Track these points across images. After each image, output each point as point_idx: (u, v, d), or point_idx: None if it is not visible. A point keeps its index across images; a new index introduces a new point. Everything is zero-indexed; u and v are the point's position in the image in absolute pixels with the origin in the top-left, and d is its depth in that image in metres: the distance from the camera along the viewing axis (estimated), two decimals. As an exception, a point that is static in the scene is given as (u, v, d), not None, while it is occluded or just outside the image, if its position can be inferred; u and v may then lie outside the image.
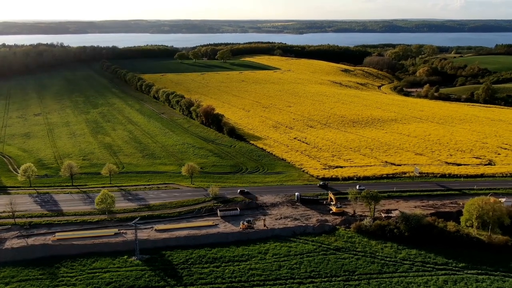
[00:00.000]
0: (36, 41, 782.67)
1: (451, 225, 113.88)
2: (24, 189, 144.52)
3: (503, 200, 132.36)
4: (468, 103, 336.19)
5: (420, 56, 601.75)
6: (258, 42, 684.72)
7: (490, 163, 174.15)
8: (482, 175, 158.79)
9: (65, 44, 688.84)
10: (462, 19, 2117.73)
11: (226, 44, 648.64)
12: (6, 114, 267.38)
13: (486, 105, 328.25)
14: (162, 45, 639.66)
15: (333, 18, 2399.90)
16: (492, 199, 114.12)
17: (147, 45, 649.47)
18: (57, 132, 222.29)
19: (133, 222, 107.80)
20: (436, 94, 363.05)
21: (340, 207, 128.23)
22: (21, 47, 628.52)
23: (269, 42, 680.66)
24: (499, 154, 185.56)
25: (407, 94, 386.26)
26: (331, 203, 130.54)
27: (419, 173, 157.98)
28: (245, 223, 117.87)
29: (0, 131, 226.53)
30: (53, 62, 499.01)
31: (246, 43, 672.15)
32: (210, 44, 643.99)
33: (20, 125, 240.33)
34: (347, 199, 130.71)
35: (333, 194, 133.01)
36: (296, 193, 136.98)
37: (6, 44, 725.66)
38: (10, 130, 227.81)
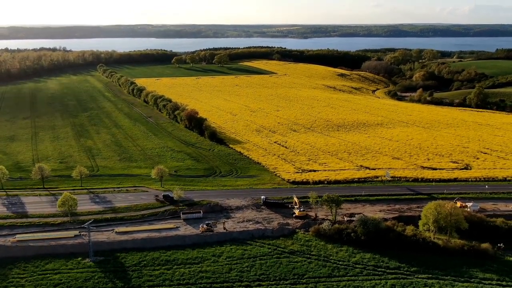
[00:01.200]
0: (40, 45, 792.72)
1: (409, 229, 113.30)
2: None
3: (469, 204, 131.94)
4: (460, 108, 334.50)
5: (419, 61, 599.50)
6: (257, 47, 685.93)
7: (466, 167, 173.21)
8: (455, 180, 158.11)
9: (68, 49, 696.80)
10: (468, 24, 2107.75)
11: (225, 49, 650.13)
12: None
13: (477, 109, 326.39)
14: (161, 50, 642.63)
15: (338, 22, 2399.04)
16: (449, 203, 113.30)
17: (146, 49, 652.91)
18: (41, 136, 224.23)
19: (87, 224, 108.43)
20: (429, 98, 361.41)
21: (303, 210, 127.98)
22: (22, 51, 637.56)
23: (268, 47, 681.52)
24: (477, 158, 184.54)
25: (401, 99, 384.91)
26: (295, 206, 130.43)
27: (391, 177, 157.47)
28: (205, 226, 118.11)
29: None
30: (51, 67, 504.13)
31: (245, 47, 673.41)
32: (209, 49, 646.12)
33: (6, 128, 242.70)
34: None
35: (297, 197, 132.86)
36: (262, 197, 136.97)
37: (10, 48, 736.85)
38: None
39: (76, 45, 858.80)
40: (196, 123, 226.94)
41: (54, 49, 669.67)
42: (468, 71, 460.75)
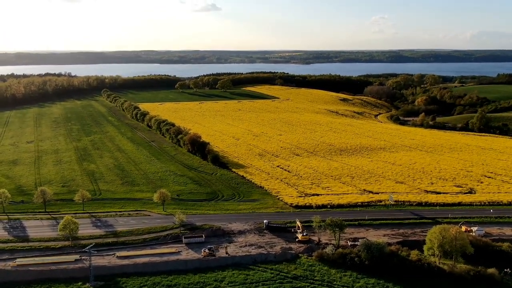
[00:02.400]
0: (46, 71, 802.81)
1: (414, 254, 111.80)
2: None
3: (474, 228, 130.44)
4: (463, 132, 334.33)
5: (421, 86, 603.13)
6: (260, 72, 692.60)
7: (470, 191, 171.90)
8: (459, 204, 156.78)
9: (73, 74, 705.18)
10: (469, 50, 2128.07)
11: (228, 74, 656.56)
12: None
13: (480, 133, 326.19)
14: (164, 75, 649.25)
15: (340, 48, 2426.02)
16: (454, 227, 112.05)
17: (150, 74, 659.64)
18: (44, 159, 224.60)
19: (87, 248, 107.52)
20: (431, 123, 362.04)
21: (307, 235, 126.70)
22: (28, 76, 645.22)
23: (271, 72, 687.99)
24: (481, 182, 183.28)
25: (403, 123, 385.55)
26: (298, 230, 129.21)
27: (395, 201, 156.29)
28: (207, 250, 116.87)
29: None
30: (56, 91, 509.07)
31: (248, 72, 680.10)
32: (212, 74, 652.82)
33: (10, 152, 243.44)
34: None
35: (300, 221, 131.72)
36: (265, 221, 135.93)
37: (15, 73, 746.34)
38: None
39: (81, 71, 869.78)
40: (199, 147, 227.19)
41: (59, 75, 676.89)
42: (470, 96, 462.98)
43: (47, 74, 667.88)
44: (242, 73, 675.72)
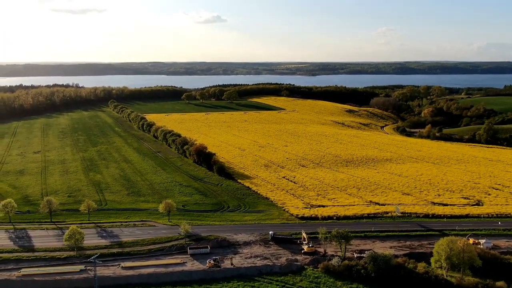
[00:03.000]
0: (54, 82, 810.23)
1: (421, 266, 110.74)
2: (2, 225, 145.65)
3: (482, 241, 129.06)
4: (470, 144, 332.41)
5: (427, 97, 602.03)
6: (266, 83, 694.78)
7: (478, 203, 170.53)
8: (467, 216, 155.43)
9: (81, 85, 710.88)
10: (476, 61, 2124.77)
11: (235, 85, 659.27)
12: (7, 152, 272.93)
13: (487, 145, 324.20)
14: (171, 86, 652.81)
15: (346, 60, 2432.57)
16: (462, 240, 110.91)
17: (157, 86, 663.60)
18: (51, 170, 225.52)
19: (92, 258, 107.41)
20: (438, 134, 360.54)
21: (312, 246, 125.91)
22: (36, 87, 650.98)
23: (277, 83, 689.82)
24: (489, 194, 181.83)
25: (410, 135, 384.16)
26: (304, 242, 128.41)
27: (401, 213, 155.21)
28: (212, 262, 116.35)
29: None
30: (63, 102, 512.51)
31: (254, 84, 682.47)
32: (218, 85, 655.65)
33: (17, 162, 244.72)
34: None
35: (306, 233, 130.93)
36: (270, 232, 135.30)
37: (24, 84, 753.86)
38: (7, 167, 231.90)
39: (88, 82, 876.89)
40: (204, 158, 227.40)
41: (67, 86, 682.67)
42: (477, 107, 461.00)
43: (55, 85, 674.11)
44: (248, 85, 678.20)
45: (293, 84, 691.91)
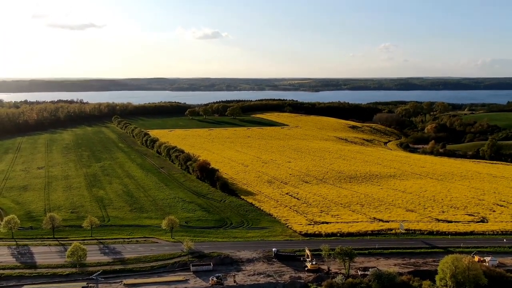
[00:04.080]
0: (58, 97, 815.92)
1: (425, 284, 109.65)
2: (5, 241, 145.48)
3: (488, 258, 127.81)
4: (473, 160, 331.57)
5: (430, 113, 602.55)
6: (269, 99, 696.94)
7: (483, 220, 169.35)
8: (472, 233, 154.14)
9: (85, 101, 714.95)
10: (479, 77, 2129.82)
11: (238, 101, 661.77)
12: (10, 167, 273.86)
13: (491, 161, 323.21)
14: (174, 102, 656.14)
15: (349, 76, 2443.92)
16: (467, 257, 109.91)
17: (160, 101, 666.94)
18: (54, 185, 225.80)
19: (94, 275, 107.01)
20: (441, 150, 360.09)
21: (316, 263, 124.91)
22: (41, 103, 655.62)
23: (280, 99, 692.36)
24: (494, 211, 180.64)
25: (413, 151, 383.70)
26: (307, 259, 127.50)
27: (405, 230, 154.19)
28: (214, 279, 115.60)
29: (0, 184, 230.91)
30: (68, 118, 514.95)
31: (257, 100, 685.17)
32: (222, 101, 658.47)
33: (21, 177, 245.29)
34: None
35: (309, 250, 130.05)
36: (273, 249, 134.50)
37: (29, 100, 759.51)
38: (10, 183, 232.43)
39: (93, 98, 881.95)
40: (208, 174, 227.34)
41: (71, 101, 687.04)
42: (481, 123, 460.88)
43: (59, 101, 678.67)
44: (251, 100, 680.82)
45: (296, 100, 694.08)
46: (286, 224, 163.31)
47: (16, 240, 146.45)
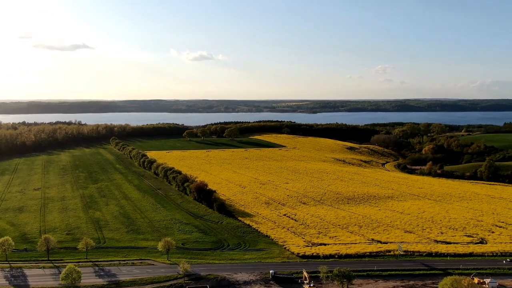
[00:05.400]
0: (57, 119, 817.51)
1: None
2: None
3: (487, 280, 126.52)
4: (471, 181, 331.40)
5: (428, 135, 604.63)
6: (267, 121, 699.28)
7: (482, 241, 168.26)
8: (471, 254, 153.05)
9: (83, 122, 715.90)
10: (475, 99, 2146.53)
11: (236, 123, 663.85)
12: (6, 189, 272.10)
13: (489, 182, 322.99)
14: (172, 123, 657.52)
15: (347, 98, 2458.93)
16: (466, 279, 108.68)
17: (158, 123, 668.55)
18: (50, 207, 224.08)
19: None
20: (439, 171, 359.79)
21: (314, 286, 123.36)
22: (39, 124, 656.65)
23: (277, 121, 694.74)
24: (492, 232, 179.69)
25: (411, 172, 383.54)
26: (305, 281, 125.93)
27: (404, 251, 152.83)
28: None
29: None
30: (65, 139, 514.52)
31: (255, 121, 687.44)
32: (219, 123, 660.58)
33: (17, 199, 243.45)
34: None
35: (307, 272, 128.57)
36: (271, 271, 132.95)
37: (27, 122, 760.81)
38: (6, 204, 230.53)
39: (91, 119, 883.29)
40: (205, 195, 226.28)
41: (69, 123, 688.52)
42: (478, 144, 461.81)
43: (57, 122, 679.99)
44: (249, 122, 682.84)
45: (294, 122, 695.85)
46: (283, 245, 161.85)
47: (10, 262, 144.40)
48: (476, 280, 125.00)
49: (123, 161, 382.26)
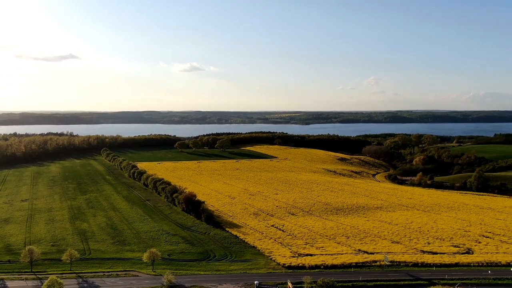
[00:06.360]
0: (48, 130, 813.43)
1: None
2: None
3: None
4: (461, 191, 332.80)
5: (419, 146, 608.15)
6: (259, 132, 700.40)
7: (468, 251, 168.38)
8: (457, 264, 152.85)
9: (75, 134, 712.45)
10: (467, 110, 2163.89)
11: (228, 134, 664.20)
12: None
13: (478, 193, 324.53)
14: (164, 135, 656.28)
15: (340, 109, 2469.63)
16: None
17: (150, 134, 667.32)
18: (37, 218, 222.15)
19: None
20: (429, 182, 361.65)
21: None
22: (30, 136, 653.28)
23: (270, 132, 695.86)
24: (479, 242, 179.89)
25: (401, 182, 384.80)
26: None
27: (390, 261, 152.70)
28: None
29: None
30: (56, 151, 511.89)
31: (247, 132, 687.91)
32: (212, 134, 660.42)
33: (3, 210, 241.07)
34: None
35: (291, 282, 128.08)
36: (256, 282, 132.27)
37: (18, 133, 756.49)
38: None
39: (84, 131, 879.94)
40: (193, 206, 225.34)
41: (61, 134, 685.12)
42: (468, 155, 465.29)
43: (49, 134, 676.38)
44: (241, 133, 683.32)
45: (286, 133, 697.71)
46: (269, 256, 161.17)
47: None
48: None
49: (113, 172, 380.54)
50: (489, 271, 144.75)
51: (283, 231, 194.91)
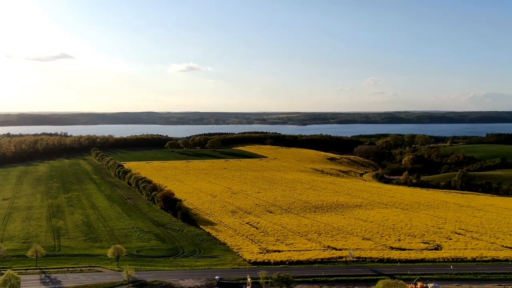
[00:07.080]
0: (43, 131, 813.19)
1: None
2: None
3: (431, 285, 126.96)
4: (445, 190, 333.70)
5: (412, 146, 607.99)
6: (252, 132, 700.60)
7: (437, 248, 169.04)
8: (422, 260, 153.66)
9: (70, 134, 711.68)
10: (464, 111, 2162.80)
11: (220, 134, 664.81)
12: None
13: (462, 191, 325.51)
14: (156, 135, 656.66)
15: (338, 110, 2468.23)
16: (399, 283, 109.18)
17: (142, 134, 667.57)
18: (14, 216, 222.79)
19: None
20: (414, 181, 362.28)
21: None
22: (24, 136, 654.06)
23: (262, 132, 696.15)
24: (450, 239, 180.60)
25: (388, 181, 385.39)
26: (248, 287, 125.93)
27: (356, 257, 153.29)
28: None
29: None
30: (46, 150, 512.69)
31: (240, 133, 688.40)
32: (204, 134, 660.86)
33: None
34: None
35: (251, 278, 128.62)
36: (216, 277, 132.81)
37: (12, 133, 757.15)
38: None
39: (81, 131, 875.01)
40: (170, 204, 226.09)
41: (55, 134, 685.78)
42: (457, 155, 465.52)
43: (42, 134, 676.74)
44: (233, 133, 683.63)
45: (279, 133, 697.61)
46: (237, 252, 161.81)
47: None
48: (419, 284, 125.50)
49: (100, 172, 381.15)
50: (451, 266, 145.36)
51: (256, 228, 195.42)
